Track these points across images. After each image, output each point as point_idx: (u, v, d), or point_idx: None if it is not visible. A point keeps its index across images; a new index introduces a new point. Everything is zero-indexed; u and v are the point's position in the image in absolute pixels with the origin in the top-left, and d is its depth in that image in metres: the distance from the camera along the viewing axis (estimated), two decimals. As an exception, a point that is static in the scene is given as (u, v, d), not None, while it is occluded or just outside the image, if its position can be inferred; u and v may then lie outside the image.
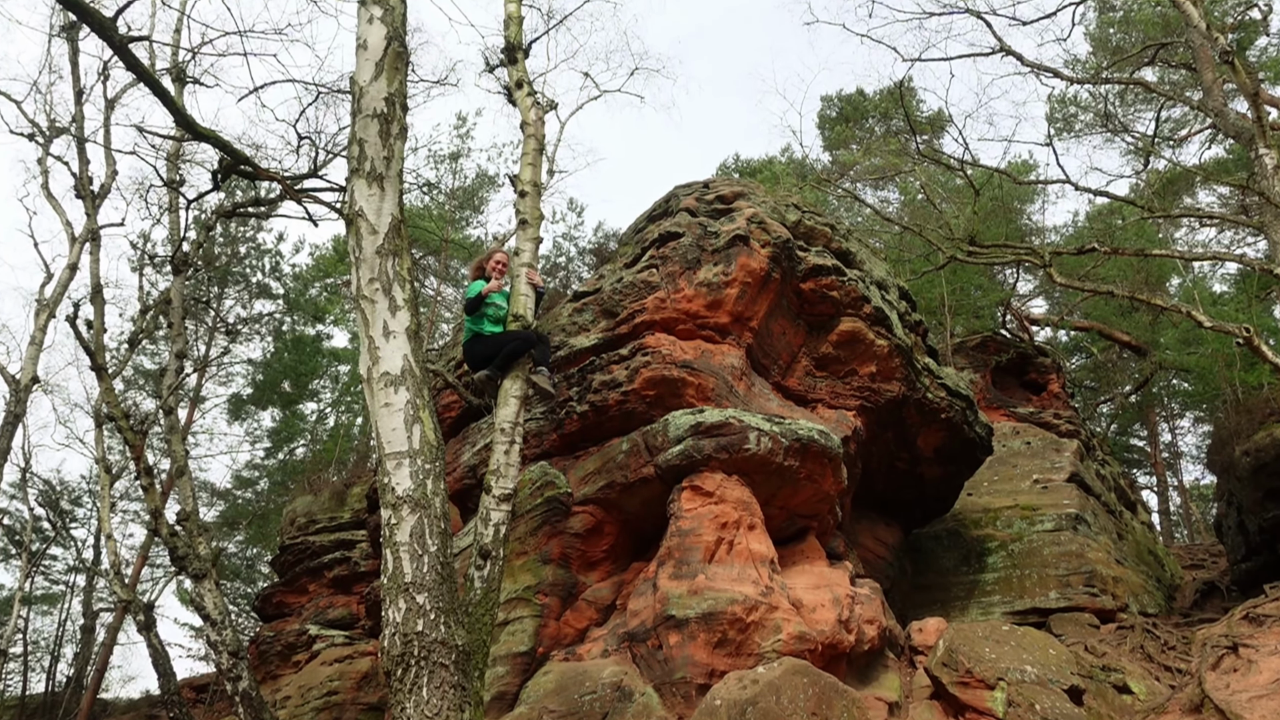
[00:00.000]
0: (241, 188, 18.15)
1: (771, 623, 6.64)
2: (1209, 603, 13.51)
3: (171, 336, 10.71)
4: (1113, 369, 25.12)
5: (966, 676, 6.71)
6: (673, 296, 8.41)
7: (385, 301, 4.25)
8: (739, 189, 9.45)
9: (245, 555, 26.36)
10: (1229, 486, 13.71)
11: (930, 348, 11.68)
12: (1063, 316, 22.58)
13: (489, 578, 4.96)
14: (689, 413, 7.54)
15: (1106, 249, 12.41)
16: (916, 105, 21.95)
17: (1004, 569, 12.10)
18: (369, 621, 13.27)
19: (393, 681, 3.72)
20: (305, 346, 25.77)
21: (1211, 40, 9.48)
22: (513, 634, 7.23)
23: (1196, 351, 18.93)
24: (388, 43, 4.60)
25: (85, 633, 22.18)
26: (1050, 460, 14.19)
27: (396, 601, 3.81)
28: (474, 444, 9.19)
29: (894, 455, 10.75)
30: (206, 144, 7.26)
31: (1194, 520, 28.87)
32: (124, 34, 5.73)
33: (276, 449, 26.62)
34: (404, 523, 3.93)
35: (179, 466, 9.99)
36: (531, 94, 7.07)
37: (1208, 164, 17.60)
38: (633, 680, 6.54)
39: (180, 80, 10.84)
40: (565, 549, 7.76)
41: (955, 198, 18.49)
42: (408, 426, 4.09)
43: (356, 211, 4.37)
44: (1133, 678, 7.91)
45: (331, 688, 12.09)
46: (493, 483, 5.30)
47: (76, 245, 13.21)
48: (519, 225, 6.50)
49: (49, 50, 14.59)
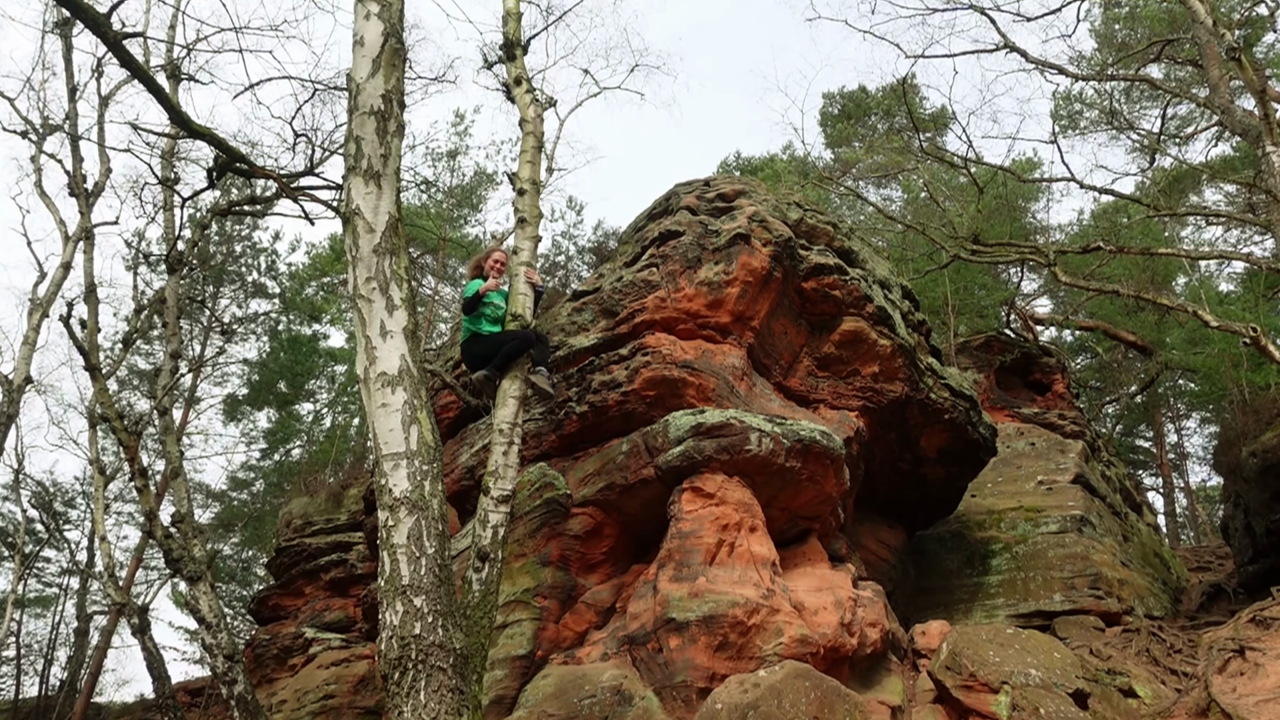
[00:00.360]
0: (237, 186, 18.15)
1: (773, 626, 6.64)
2: (1215, 605, 13.50)
3: (166, 336, 10.71)
4: (1118, 369, 25.12)
5: (970, 680, 6.71)
6: (673, 296, 8.41)
7: (382, 301, 4.25)
8: (740, 187, 9.45)
9: (241, 557, 26.36)
10: (1236, 488, 13.71)
11: (934, 348, 11.68)
12: (1067, 316, 22.59)
13: (487, 580, 4.96)
14: (689, 413, 7.54)
15: (1112, 248, 12.42)
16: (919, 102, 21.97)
17: (1008, 571, 12.10)
18: (366, 624, 13.28)
19: (390, 685, 3.72)
20: (301, 346, 25.77)
21: (1218, 36, 9.48)
22: (511, 637, 7.23)
23: (1203, 351, 18.92)
24: (385, 39, 4.60)
25: (79, 636, 22.16)
26: (1055, 461, 14.19)
27: (394, 604, 3.80)
28: (472, 445, 9.19)
29: (897, 456, 10.75)
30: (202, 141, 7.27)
31: (1200, 522, 28.88)
32: (118, 30, 5.74)
33: (272, 450, 26.62)
34: (401, 524, 3.93)
35: (174, 468, 9.99)
36: (530, 91, 7.07)
37: (1214, 161, 17.61)
38: (632, 684, 6.54)
39: (175, 77, 10.85)
40: (564, 551, 7.76)
41: (959, 196, 18.51)
42: (405, 427, 4.09)
43: (353, 210, 4.37)
44: (1138, 681, 7.92)
45: (328, 691, 12.09)
46: (491, 484, 5.30)
47: (70, 244, 13.21)
48: (517, 223, 6.50)
49: (42, 47, 14.61)
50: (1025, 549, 12.22)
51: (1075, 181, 13.23)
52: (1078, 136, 18.89)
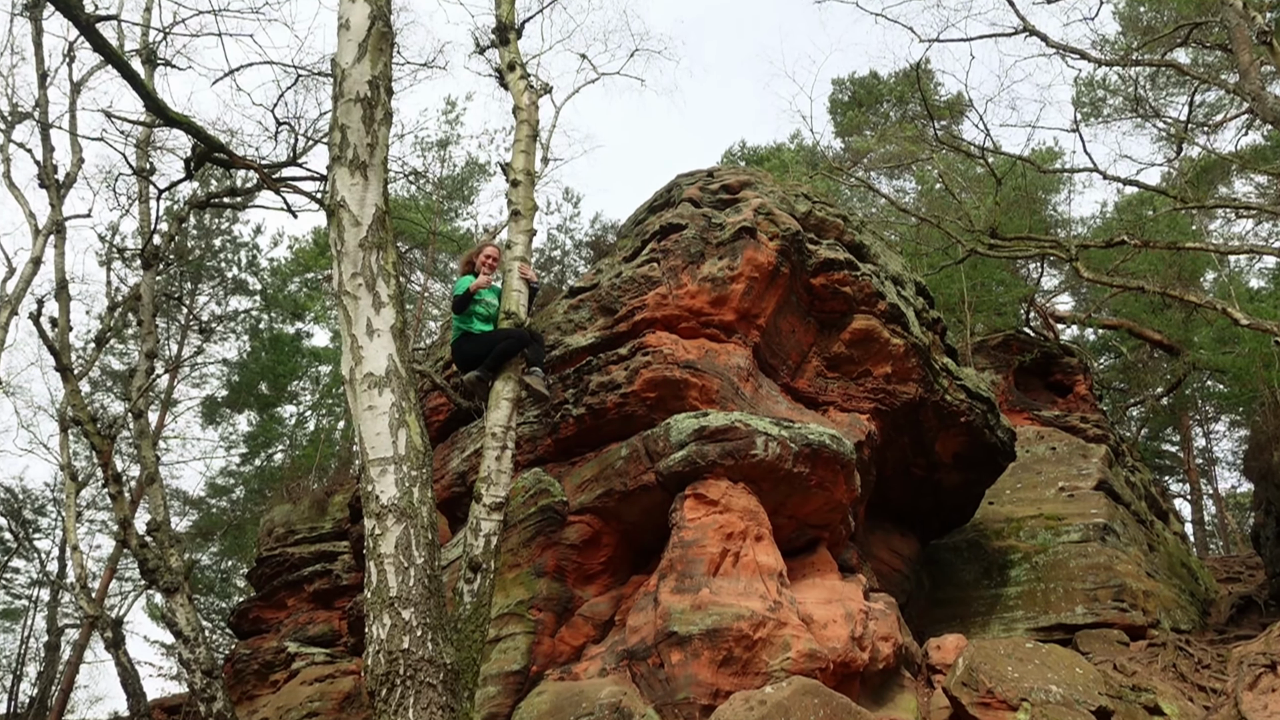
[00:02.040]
0: (216, 177, 18.16)
1: (780, 640, 6.65)
2: (1245, 618, 13.50)
3: (141, 335, 10.72)
4: (1143, 369, 25.14)
5: (988, 697, 6.71)
6: (675, 292, 8.42)
7: (369, 298, 4.25)
8: (745, 178, 9.46)
9: (220, 568, 26.38)
10: (1267, 494, 13.71)
11: (949, 347, 11.69)
12: (1090, 314, 22.61)
13: (479, 592, 4.97)
14: (692, 416, 7.54)
15: (1136, 241, 12.43)
16: (934, 89, 21.99)
17: (1027, 582, 12.11)
18: (352, 638, 13.26)
19: (377, 702, 3.72)
20: (284, 346, 25.79)
21: (1249, 19, 9.49)
22: (504, 651, 7.24)
23: (1232, 351, 18.93)
24: (372, 22, 4.61)
25: (50, 650, 22.16)
26: (1077, 467, 14.19)
27: (381, 617, 3.81)
28: (463, 449, 9.19)
29: (910, 461, 10.76)
30: (179, 130, 7.28)
31: (1230, 530, 28.91)
32: (90, 13, 5.75)
33: (253, 455, 26.64)
34: (389, 533, 3.94)
35: (149, 473, 10.00)
36: (524, 77, 7.08)
37: (1244, 151, 17.60)
38: (632, 701, 6.54)
39: (151, 62, 10.85)
40: (560, 561, 7.77)
41: (975, 187, 18.51)
42: (393, 431, 4.09)
43: (338, 202, 4.37)
44: (1164, 698, 7.91)
45: (312, 709, 12.09)
46: (483, 491, 5.31)
47: (40, 238, 13.22)
48: (511, 216, 6.52)
49: (11, 30, 14.65)
50: (1045, 559, 12.23)
51: (1098, 172, 13.24)
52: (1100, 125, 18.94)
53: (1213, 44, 14.70)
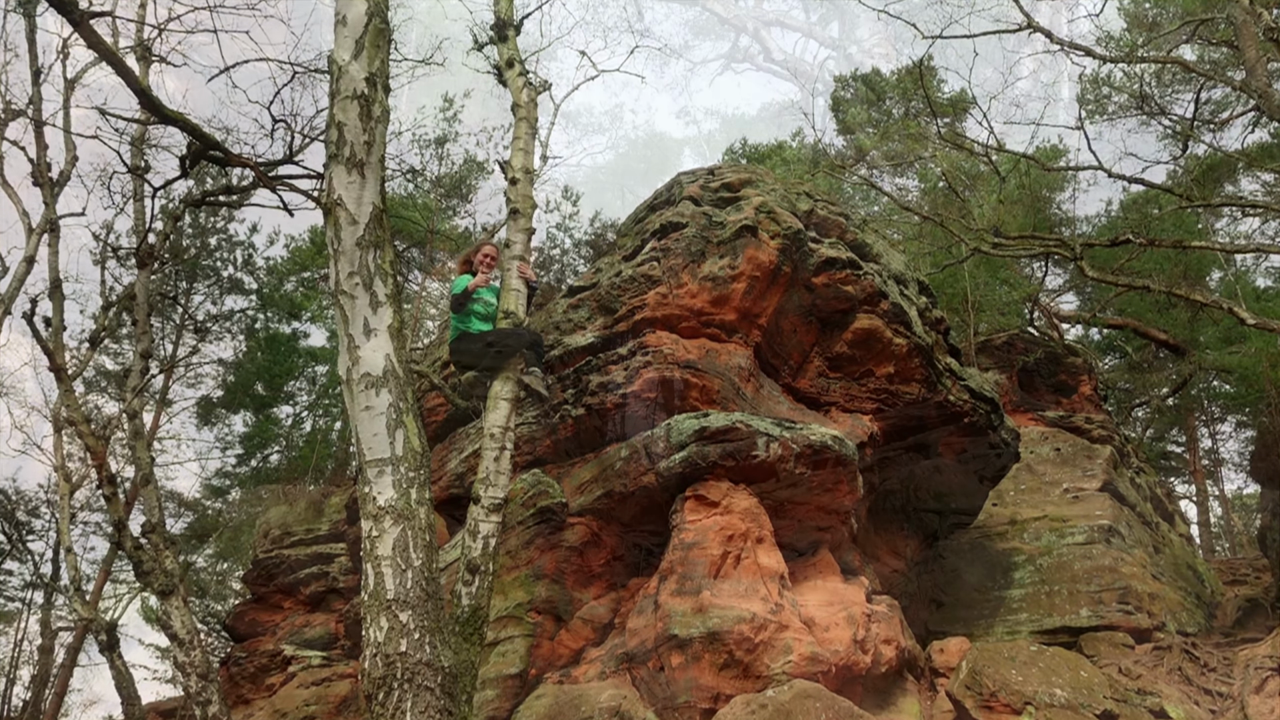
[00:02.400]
0: (212, 175, 18.14)
1: (781, 643, 6.65)
2: (1252, 621, 13.50)
3: (136, 335, 10.71)
4: (1149, 370, 25.11)
5: (991, 700, 6.72)
6: (675, 291, 8.42)
7: (366, 297, 4.25)
8: (746, 176, 9.46)
9: (215, 570, 26.35)
10: (1274, 496, 13.71)
11: (952, 347, 11.68)
12: (1095, 313, 22.57)
13: (477, 594, 4.97)
14: (693, 416, 7.54)
15: (1142, 240, 12.43)
16: (937, 86, 21.97)
17: (1031, 585, 12.10)
18: (348, 641, 13.28)
19: (374, 706, 3.72)
20: (280, 345, 25.76)
21: (1255, 16, 9.48)
22: (503, 654, 7.24)
23: (1239, 351, 18.91)
24: (369, 18, 4.60)
25: (43, 653, 22.14)
26: (1081, 468, 14.19)
27: (378, 620, 3.81)
28: (461, 450, 9.19)
29: (913, 462, 10.76)
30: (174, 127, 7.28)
31: (1236, 532, 28.88)
32: (84, 9, 5.75)
33: (249, 456, 26.60)
34: (386, 535, 3.93)
35: (144, 475, 9.99)
36: (523, 74, 7.08)
37: (1251, 148, 17.58)
38: (632, 705, 6.54)
39: (145, 59, 10.85)
40: (560, 563, 7.77)
41: (979, 185, 18.51)
42: (390, 432, 4.09)
43: (335, 200, 4.37)
44: (1170, 702, 7.91)
45: (308, 713, 12.09)
46: (482, 492, 5.30)
47: (34, 236, 13.20)
48: (510, 214, 6.51)
49: (3, 27, 14.58)
50: (1050, 561, 12.23)
51: (1103, 170, 13.22)
52: (1105, 122, 18.88)
53: (1219, 41, 14.70)
